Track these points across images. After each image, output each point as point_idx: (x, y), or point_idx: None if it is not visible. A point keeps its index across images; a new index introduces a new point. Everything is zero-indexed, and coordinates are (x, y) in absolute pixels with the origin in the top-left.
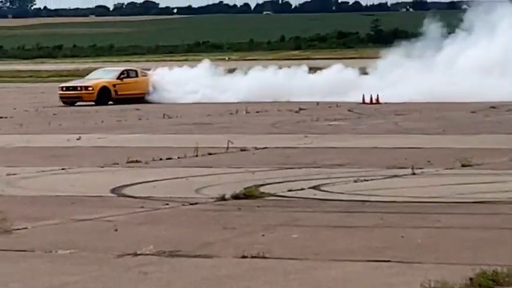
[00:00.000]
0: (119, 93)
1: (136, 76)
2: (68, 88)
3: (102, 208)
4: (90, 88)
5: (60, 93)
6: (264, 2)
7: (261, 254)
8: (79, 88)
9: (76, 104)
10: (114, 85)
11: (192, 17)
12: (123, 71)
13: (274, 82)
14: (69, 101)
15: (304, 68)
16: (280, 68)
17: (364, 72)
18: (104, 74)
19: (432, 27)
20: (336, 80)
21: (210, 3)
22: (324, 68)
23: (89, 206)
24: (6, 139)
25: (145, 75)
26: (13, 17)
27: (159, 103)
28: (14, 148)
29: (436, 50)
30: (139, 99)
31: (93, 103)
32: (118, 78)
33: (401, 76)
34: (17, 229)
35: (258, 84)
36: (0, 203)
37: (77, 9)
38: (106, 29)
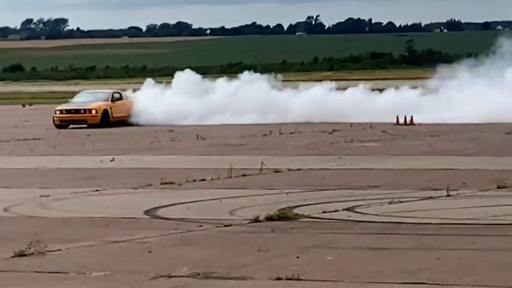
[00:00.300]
0: (114, 115)
1: (122, 98)
2: (68, 111)
3: (135, 230)
4: (94, 111)
5: (59, 116)
6: (297, 23)
7: (296, 276)
8: (82, 111)
9: (70, 127)
10: (111, 108)
11: (225, 38)
12: (113, 93)
13: (334, 101)
14: (66, 124)
15: (362, 88)
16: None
17: (425, 92)
18: (95, 96)
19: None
20: (398, 100)
21: (243, 24)
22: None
23: (123, 227)
24: (40, 160)
25: (127, 98)
26: (46, 38)
27: (144, 125)
28: (48, 169)
29: (498, 70)
30: (126, 121)
31: (85, 126)
32: (111, 100)
33: (467, 96)
34: (51, 251)
35: (314, 104)
36: (34, 225)
37: (110, 30)
38: (139, 50)
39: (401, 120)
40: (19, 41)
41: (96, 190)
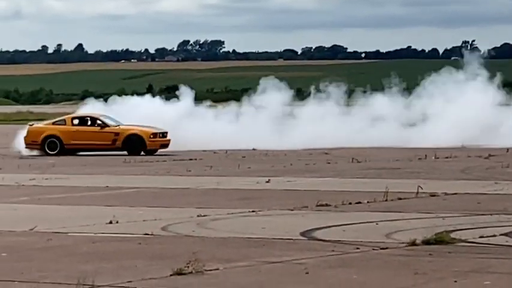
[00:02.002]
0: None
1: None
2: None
3: (292, 251)
4: None
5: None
6: (453, 47)
7: None
8: None
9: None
10: None
11: (379, 62)
12: None
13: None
14: None
15: None
16: None
17: None
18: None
19: None
20: None
21: (398, 48)
22: None
23: (279, 248)
24: (197, 180)
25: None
26: (202, 60)
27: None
28: (205, 190)
29: None
30: None
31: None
32: None
33: None
34: (209, 270)
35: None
36: (192, 244)
37: (266, 52)
38: (294, 73)
39: None
40: (175, 62)
41: (253, 211)
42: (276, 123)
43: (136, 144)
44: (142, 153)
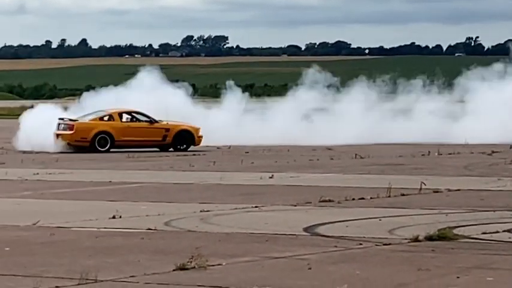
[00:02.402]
0: None
1: None
2: None
3: (295, 246)
4: None
5: None
6: (457, 43)
7: None
8: None
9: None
10: None
11: (383, 58)
12: None
13: None
14: None
15: None
16: None
17: None
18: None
19: None
20: None
21: (402, 44)
22: None
23: (282, 244)
24: (200, 176)
25: None
26: (206, 56)
27: None
28: (208, 185)
29: None
30: None
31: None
32: None
33: None
34: (212, 265)
35: None
36: (195, 239)
37: (269, 48)
38: (297, 69)
39: None
40: (179, 57)
41: (256, 206)
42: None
43: (187, 140)
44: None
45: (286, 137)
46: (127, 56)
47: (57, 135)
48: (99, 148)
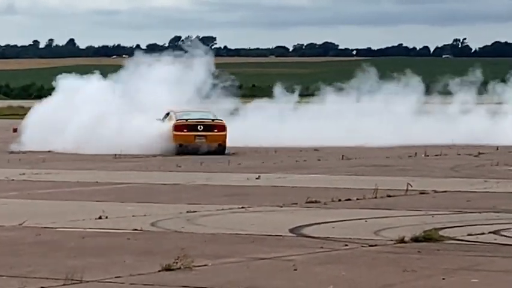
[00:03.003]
0: None
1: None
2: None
3: (281, 247)
4: None
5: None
6: (444, 45)
7: None
8: None
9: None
10: None
11: (371, 59)
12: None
13: None
14: None
15: None
16: None
17: None
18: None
19: None
20: None
21: (390, 45)
22: None
23: (268, 245)
24: (187, 176)
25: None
26: None
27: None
28: (195, 186)
29: None
30: None
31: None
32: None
33: None
34: (198, 266)
35: None
36: (181, 240)
37: (257, 49)
38: (285, 70)
39: None
40: None
41: (242, 207)
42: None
43: None
44: None
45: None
46: (115, 56)
47: (201, 137)
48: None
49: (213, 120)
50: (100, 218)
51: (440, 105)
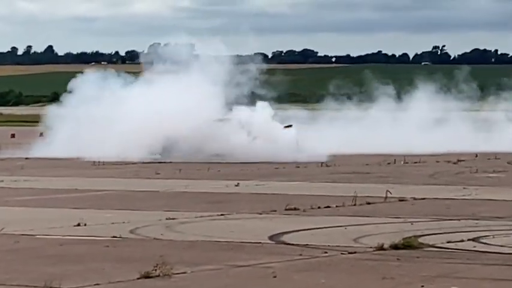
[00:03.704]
0: None
1: None
2: None
3: (260, 254)
4: None
5: None
6: (423, 52)
7: None
8: None
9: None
10: None
11: (350, 66)
12: None
13: None
14: None
15: None
16: None
17: None
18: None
19: None
20: None
21: (369, 52)
22: None
23: (248, 252)
24: (166, 183)
25: None
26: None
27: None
28: (174, 193)
29: None
30: None
31: None
32: None
33: None
34: (177, 273)
35: None
36: (160, 247)
37: (236, 55)
38: (264, 76)
39: None
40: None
41: (222, 214)
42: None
43: None
44: None
45: None
46: (93, 63)
47: None
48: None
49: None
50: (79, 225)
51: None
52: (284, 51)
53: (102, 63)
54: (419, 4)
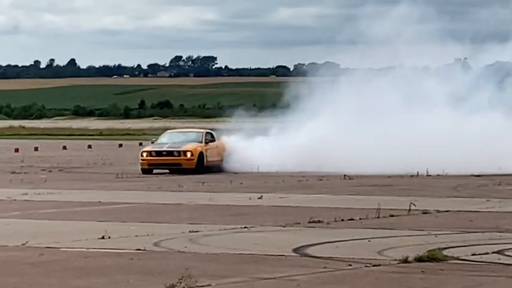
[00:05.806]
0: (208, 159)
1: (214, 140)
2: (158, 153)
3: (284, 267)
4: (189, 153)
5: (146, 160)
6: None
7: None
8: (176, 153)
9: (155, 172)
10: (206, 150)
11: None
12: (206, 133)
13: None
14: (154, 168)
15: None
16: None
17: None
18: (185, 136)
19: None
20: None
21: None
22: None
23: (272, 264)
24: (189, 196)
25: (219, 139)
26: (194, 76)
27: (234, 173)
28: (197, 205)
29: None
30: (219, 167)
31: (177, 170)
32: (205, 142)
33: None
34: (201, 286)
35: None
36: (184, 260)
37: (258, 68)
38: (286, 90)
39: None
40: (168, 78)
41: (245, 227)
42: None
43: None
44: None
45: None
46: (115, 76)
47: None
48: None
49: None
50: (103, 237)
51: None
52: (306, 64)
53: (125, 76)
54: (438, 15)
